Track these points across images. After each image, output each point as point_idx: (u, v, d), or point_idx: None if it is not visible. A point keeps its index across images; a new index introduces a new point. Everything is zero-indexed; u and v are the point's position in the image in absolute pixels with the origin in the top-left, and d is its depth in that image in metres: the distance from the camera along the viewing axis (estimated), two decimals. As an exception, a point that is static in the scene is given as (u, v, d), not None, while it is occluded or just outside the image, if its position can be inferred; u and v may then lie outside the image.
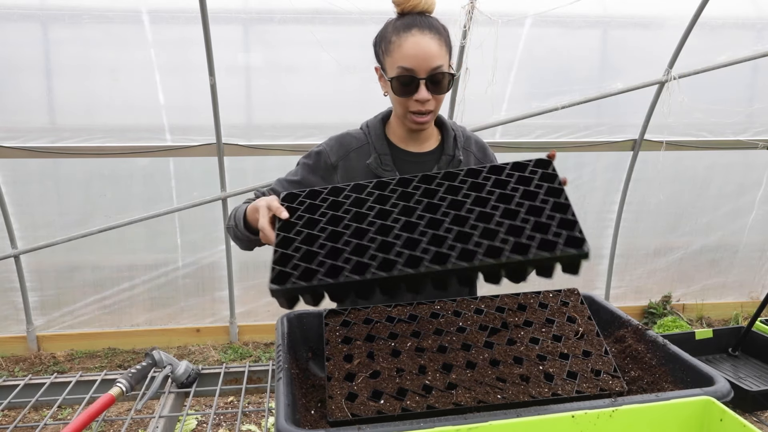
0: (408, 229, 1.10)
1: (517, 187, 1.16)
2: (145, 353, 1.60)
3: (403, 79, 1.36)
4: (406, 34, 1.36)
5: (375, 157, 1.49)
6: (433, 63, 1.35)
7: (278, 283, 1.00)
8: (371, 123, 1.56)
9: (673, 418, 0.92)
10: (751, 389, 1.46)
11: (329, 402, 1.04)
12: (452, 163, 1.52)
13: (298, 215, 1.18)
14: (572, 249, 0.99)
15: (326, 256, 1.05)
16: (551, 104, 3.95)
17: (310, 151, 1.57)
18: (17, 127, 3.71)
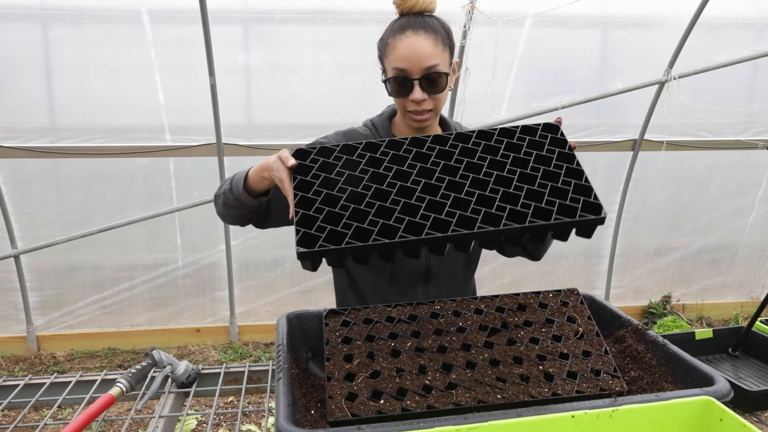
0: (429, 191, 1.11)
1: (530, 152, 1.19)
2: (145, 353, 1.60)
3: (398, 79, 1.38)
4: (400, 36, 1.37)
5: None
6: (426, 63, 1.35)
7: (305, 245, 0.99)
8: (377, 121, 1.58)
9: (673, 418, 0.92)
10: (751, 389, 1.46)
11: (329, 402, 1.04)
12: None
13: (314, 174, 1.16)
14: (591, 214, 1.03)
15: (351, 218, 1.04)
16: (551, 104, 3.95)
17: (314, 141, 1.54)
18: (17, 127, 3.71)
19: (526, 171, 1.14)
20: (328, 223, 1.03)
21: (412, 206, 1.07)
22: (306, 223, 1.04)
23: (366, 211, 1.05)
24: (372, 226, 1.02)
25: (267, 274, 4.35)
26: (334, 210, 1.06)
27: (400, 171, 1.16)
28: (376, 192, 1.11)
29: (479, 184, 1.12)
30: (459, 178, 1.13)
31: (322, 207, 1.07)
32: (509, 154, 1.18)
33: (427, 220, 1.02)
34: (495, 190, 1.09)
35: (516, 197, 1.07)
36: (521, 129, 1.25)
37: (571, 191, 1.08)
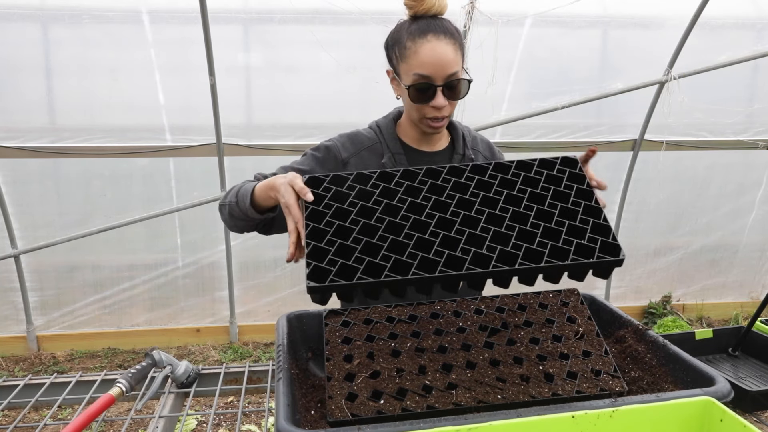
0: (443, 226, 1.09)
1: (548, 187, 1.17)
2: (145, 353, 1.60)
3: (420, 86, 1.34)
4: (421, 40, 1.33)
5: (389, 157, 1.47)
6: (450, 69, 1.33)
7: (316, 279, 0.97)
8: (382, 123, 1.55)
9: (674, 418, 0.92)
10: (751, 389, 1.46)
11: (329, 402, 1.04)
12: (464, 161, 1.52)
13: (326, 203, 1.13)
14: (609, 256, 1.02)
15: (363, 252, 1.02)
16: (551, 104, 3.95)
17: (319, 144, 1.53)
18: (17, 127, 3.71)
19: (543, 207, 1.13)
20: (340, 257, 1.01)
21: (426, 241, 1.05)
22: (317, 256, 1.01)
23: (378, 245, 1.04)
24: (384, 261, 1.00)
25: (267, 274, 4.35)
26: (346, 243, 1.05)
27: (414, 203, 1.14)
28: (390, 225, 1.09)
29: (495, 220, 1.10)
30: (474, 213, 1.12)
31: (333, 239, 1.05)
32: (526, 189, 1.17)
33: (441, 257, 1.01)
34: (511, 227, 1.08)
35: (532, 235, 1.06)
36: (539, 162, 1.24)
37: (589, 230, 1.07)
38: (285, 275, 4.34)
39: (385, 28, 1.51)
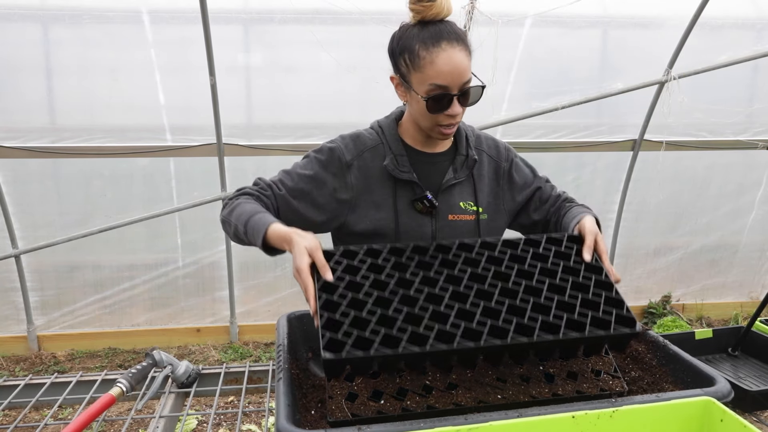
0: (458, 298, 1.11)
1: (557, 262, 1.20)
2: (146, 353, 1.60)
3: (437, 96, 1.31)
4: (436, 49, 1.29)
5: (391, 159, 1.45)
6: (465, 77, 1.31)
7: (332, 351, 0.96)
8: (384, 123, 1.52)
9: (674, 418, 0.92)
10: (751, 389, 1.46)
11: (329, 402, 1.04)
12: (467, 162, 1.49)
13: (338, 276, 1.14)
14: (625, 328, 1.02)
15: (378, 324, 1.02)
16: (551, 104, 3.95)
17: (321, 146, 1.50)
18: (17, 127, 3.70)
19: (555, 282, 1.15)
20: (355, 328, 1.01)
21: (441, 314, 1.06)
22: (332, 327, 1.01)
23: (393, 318, 1.04)
24: (401, 333, 1.00)
25: (267, 274, 4.35)
26: (360, 315, 1.05)
27: (426, 277, 1.16)
28: (403, 297, 1.10)
29: (509, 293, 1.12)
30: (488, 287, 1.13)
31: (347, 311, 1.05)
32: (536, 264, 1.19)
33: (458, 329, 1.01)
34: (525, 300, 1.09)
35: (547, 308, 1.07)
36: (546, 239, 1.27)
37: (603, 303, 1.08)
38: (285, 275, 4.34)
39: (385, 28, 1.50)
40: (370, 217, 1.45)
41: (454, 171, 1.48)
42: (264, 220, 1.28)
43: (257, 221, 1.28)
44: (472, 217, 1.50)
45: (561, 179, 4.42)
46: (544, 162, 4.32)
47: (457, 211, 1.48)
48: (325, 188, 1.43)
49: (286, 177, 1.46)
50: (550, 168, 4.39)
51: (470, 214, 1.50)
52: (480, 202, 1.51)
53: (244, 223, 1.31)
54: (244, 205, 1.36)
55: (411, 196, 1.45)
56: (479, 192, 1.51)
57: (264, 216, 1.29)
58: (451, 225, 1.48)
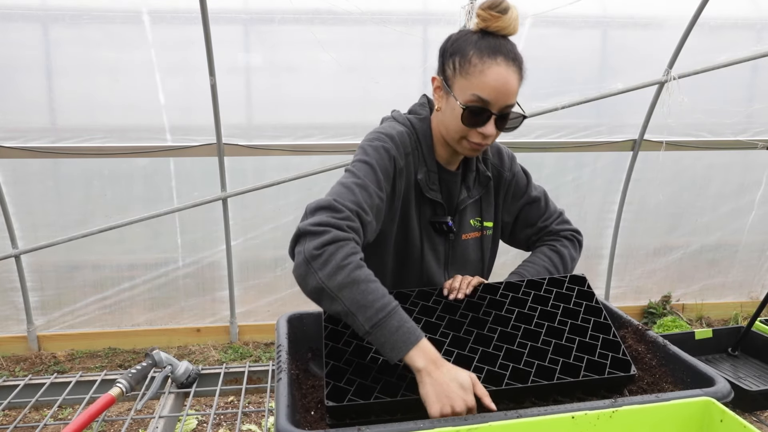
0: (457, 344, 1.14)
1: (558, 305, 1.23)
2: (146, 353, 1.60)
3: (476, 109, 1.23)
4: (491, 61, 1.22)
5: (425, 173, 1.37)
6: (509, 100, 1.25)
7: (334, 399, 1.00)
8: (421, 130, 1.38)
9: (673, 418, 0.92)
10: (750, 389, 1.46)
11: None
12: (479, 178, 1.46)
13: (344, 323, 1.17)
14: (620, 372, 1.05)
15: (380, 371, 1.06)
16: (551, 104, 3.95)
17: (378, 150, 1.29)
18: (18, 128, 3.70)
19: (553, 325, 1.18)
20: (358, 376, 1.05)
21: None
22: (336, 376, 1.05)
23: (394, 365, 1.07)
24: (400, 380, 1.04)
25: (267, 274, 4.35)
26: (363, 362, 1.09)
27: (429, 322, 1.19)
28: None
29: (507, 338, 1.15)
30: (487, 331, 1.17)
31: (351, 359, 1.10)
32: (537, 307, 1.23)
33: None
34: (523, 345, 1.13)
35: (544, 352, 1.11)
36: (548, 281, 1.31)
37: (599, 346, 1.11)
38: (285, 275, 4.34)
39: (385, 28, 1.50)
40: (402, 227, 1.38)
41: (467, 189, 1.44)
42: (411, 328, 1.04)
43: (402, 327, 1.04)
44: (479, 234, 1.50)
45: (561, 179, 4.44)
46: (544, 162, 4.32)
47: (468, 230, 1.47)
48: (387, 197, 1.30)
49: (364, 194, 1.22)
50: (550, 168, 4.41)
51: (477, 231, 1.49)
52: (486, 215, 1.50)
53: (380, 317, 1.03)
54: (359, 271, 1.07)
55: (431, 215, 1.41)
56: (485, 205, 1.50)
57: (408, 321, 1.05)
58: (463, 244, 1.47)
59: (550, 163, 4.34)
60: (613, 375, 1.05)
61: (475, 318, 1.21)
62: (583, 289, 1.28)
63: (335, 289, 1.05)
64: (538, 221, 1.53)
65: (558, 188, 4.45)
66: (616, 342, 1.12)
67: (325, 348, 1.12)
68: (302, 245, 1.09)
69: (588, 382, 1.05)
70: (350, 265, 1.06)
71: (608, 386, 1.07)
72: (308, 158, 3.96)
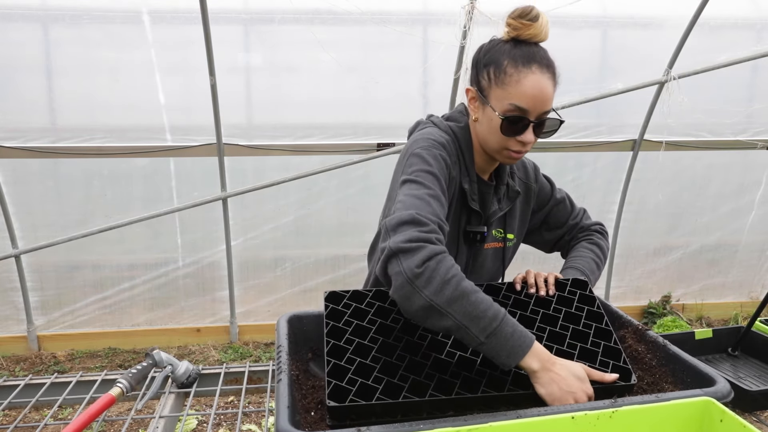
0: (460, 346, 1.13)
1: (559, 308, 1.23)
2: (146, 353, 1.60)
3: (514, 118, 1.25)
4: (526, 70, 1.23)
5: (469, 183, 1.38)
6: (546, 107, 1.26)
7: (336, 399, 1.00)
8: (463, 138, 1.38)
9: (673, 418, 0.92)
10: (750, 389, 1.46)
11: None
12: (508, 192, 1.47)
13: (346, 320, 1.17)
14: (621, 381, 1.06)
15: (381, 372, 1.06)
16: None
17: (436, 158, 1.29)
18: (18, 127, 3.71)
19: (555, 329, 1.18)
20: (359, 376, 1.04)
21: (443, 362, 1.09)
22: (337, 375, 1.05)
23: (396, 365, 1.07)
24: (402, 381, 1.04)
25: (267, 274, 4.35)
26: (365, 362, 1.08)
27: None
28: (407, 344, 1.13)
29: None
30: None
31: (353, 357, 1.08)
32: (539, 310, 1.23)
33: (458, 378, 1.04)
34: None
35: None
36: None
37: (600, 353, 1.12)
38: (285, 275, 4.34)
39: (385, 28, 1.50)
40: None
41: (498, 202, 1.46)
42: (523, 332, 1.06)
43: (516, 332, 1.05)
44: (501, 245, 1.52)
45: (561, 179, 4.42)
46: (544, 162, 4.28)
47: (490, 240, 1.49)
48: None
49: (437, 204, 1.20)
50: (550, 168, 4.38)
51: (499, 242, 1.51)
52: (509, 228, 1.52)
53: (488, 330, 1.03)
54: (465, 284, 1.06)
55: (467, 224, 1.42)
56: (509, 218, 1.51)
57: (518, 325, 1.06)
58: (484, 253, 1.49)
59: (550, 163, 4.35)
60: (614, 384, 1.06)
61: None
62: (585, 294, 1.28)
63: (444, 304, 1.03)
64: (568, 220, 1.60)
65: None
66: (617, 349, 1.13)
67: (327, 345, 1.11)
68: (399, 265, 1.05)
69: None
70: (455, 278, 1.05)
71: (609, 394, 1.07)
72: (308, 158, 3.96)
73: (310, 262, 4.35)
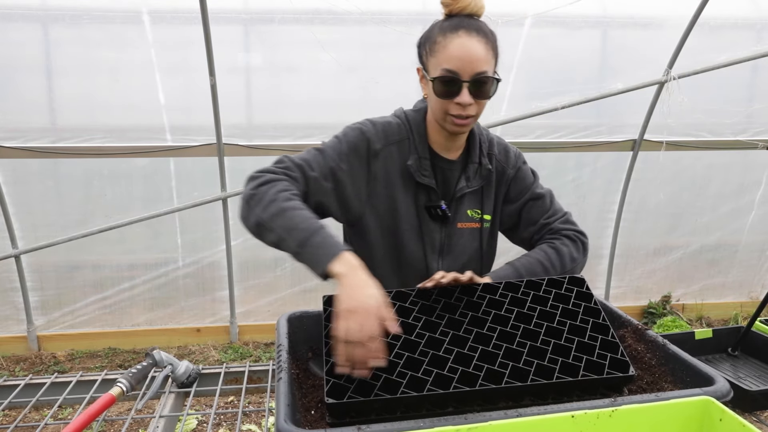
0: (456, 342, 1.14)
1: (556, 305, 1.23)
2: (146, 353, 1.60)
3: (446, 80, 1.30)
4: (452, 35, 1.30)
5: (416, 160, 1.43)
6: (478, 67, 1.29)
7: (334, 396, 1.00)
8: (413, 119, 1.46)
9: (673, 418, 0.92)
10: (750, 389, 1.46)
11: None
12: (480, 170, 1.48)
13: None
14: (619, 372, 1.06)
15: (379, 369, 1.06)
16: (551, 104, 3.95)
17: (351, 126, 1.43)
18: (18, 127, 3.71)
19: (552, 325, 1.19)
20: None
21: (440, 358, 1.10)
22: (335, 374, 1.06)
23: (395, 362, 1.08)
24: (400, 378, 1.04)
25: (267, 274, 4.35)
26: None
27: (429, 321, 1.20)
28: (405, 342, 1.14)
29: (506, 337, 1.15)
30: (486, 331, 1.17)
31: None
32: (536, 307, 1.23)
33: (455, 373, 1.04)
34: (522, 344, 1.13)
35: (543, 352, 1.11)
36: (547, 282, 1.31)
37: (598, 347, 1.12)
38: (285, 275, 4.34)
39: (385, 28, 1.51)
40: (390, 213, 1.43)
41: (467, 180, 1.47)
42: (333, 242, 1.13)
43: (325, 242, 1.14)
44: (478, 225, 1.51)
45: (561, 179, 4.44)
46: (544, 162, 4.32)
47: (465, 219, 1.49)
48: (351, 171, 1.38)
49: (317, 156, 1.37)
50: (550, 168, 4.41)
51: (476, 222, 1.51)
52: (486, 209, 1.51)
53: (303, 236, 1.15)
54: (288, 202, 1.21)
55: (426, 201, 1.45)
56: (486, 198, 1.51)
57: (331, 237, 1.15)
58: (458, 233, 1.49)
59: (550, 163, 4.35)
60: (611, 375, 1.05)
61: (474, 317, 1.21)
62: (581, 291, 1.28)
63: (269, 220, 1.21)
64: (541, 218, 1.53)
65: (558, 188, 4.40)
66: (615, 343, 1.12)
67: (326, 346, 1.12)
68: (244, 188, 1.29)
69: (586, 382, 1.05)
70: (280, 197, 1.21)
71: (607, 386, 1.07)
72: (308, 158, 3.96)
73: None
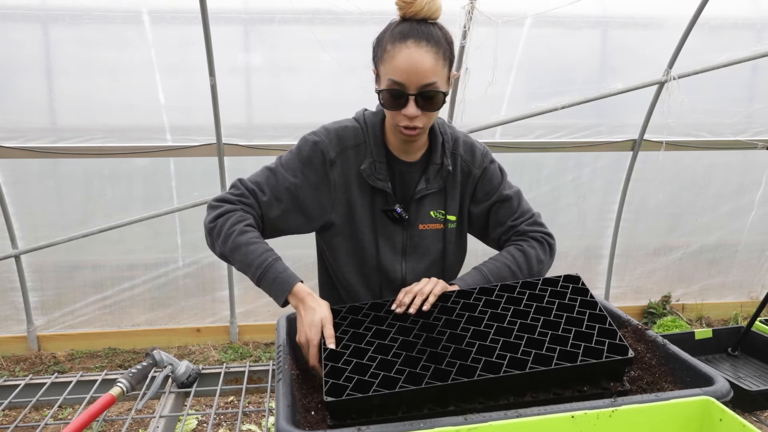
0: (455, 340, 1.15)
1: (553, 301, 1.25)
2: (146, 353, 1.60)
3: (393, 92, 1.28)
4: (400, 45, 1.25)
5: (370, 164, 1.41)
6: (425, 79, 1.25)
7: (333, 395, 1.02)
8: (371, 122, 1.45)
9: (673, 418, 0.92)
10: (750, 389, 1.46)
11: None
12: (441, 171, 1.45)
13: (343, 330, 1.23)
14: (617, 355, 1.05)
15: (377, 368, 1.08)
16: (551, 104, 3.95)
17: (304, 139, 1.47)
18: (18, 127, 3.71)
19: (549, 318, 1.19)
20: (356, 374, 1.07)
21: (438, 355, 1.11)
22: (335, 375, 1.08)
23: (393, 362, 1.10)
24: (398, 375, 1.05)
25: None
26: (361, 362, 1.11)
27: (426, 323, 1.23)
28: (403, 343, 1.16)
29: (504, 332, 1.16)
30: (483, 327, 1.18)
31: (350, 359, 1.12)
32: (532, 304, 1.24)
33: (453, 367, 1.05)
34: (520, 337, 1.13)
35: (541, 342, 1.11)
36: (542, 281, 1.32)
37: (596, 334, 1.12)
38: (285, 275, 4.34)
39: (386, 29, 1.50)
40: (350, 217, 1.44)
41: (426, 181, 1.45)
42: (285, 278, 1.29)
43: (278, 278, 1.30)
44: (441, 226, 1.49)
45: (561, 179, 4.44)
46: (544, 162, 4.32)
47: (427, 221, 1.47)
48: (308, 185, 1.40)
49: (270, 177, 1.42)
50: (550, 168, 4.41)
51: (439, 223, 1.49)
52: (450, 209, 1.49)
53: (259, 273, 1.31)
54: (241, 237, 1.34)
55: (383, 205, 1.44)
56: (450, 199, 1.49)
57: (283, 271, 1.30)
58: (420, 234, 1.48)
59: (550, 163, 4.34)
60: (610, 359, 1.04)
61: (471, 317, 1.22)
62: (577, 287, 1.28)
63: (229, 254, 1.35)
64: (508, 220, 1.51)
65: (558, 188, 4.45)
66: (613, 330, 1.12)
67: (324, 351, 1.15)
68: (205, 219, 1.44)
69: (586, 367, 1.04)
70: (235, 232, 1.34)
71: (607, 371, 1.06)
72: (308, 158, 3.96)
73: (310, 262, 4.34)
